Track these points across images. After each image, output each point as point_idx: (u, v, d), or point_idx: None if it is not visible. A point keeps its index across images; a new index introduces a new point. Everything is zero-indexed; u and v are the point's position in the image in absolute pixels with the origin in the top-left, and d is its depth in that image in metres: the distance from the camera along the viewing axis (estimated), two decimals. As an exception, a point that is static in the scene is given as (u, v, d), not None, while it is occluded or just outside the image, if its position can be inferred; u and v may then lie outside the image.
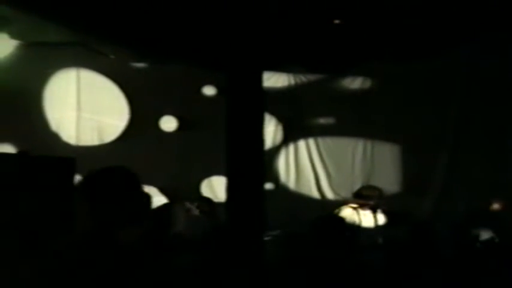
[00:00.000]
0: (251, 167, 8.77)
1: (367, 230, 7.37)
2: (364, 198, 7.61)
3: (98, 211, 2.92)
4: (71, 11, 7.92)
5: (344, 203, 8.18)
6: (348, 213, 7.52)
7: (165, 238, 7.71)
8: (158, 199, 9.59)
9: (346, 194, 9.44)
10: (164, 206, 7.67)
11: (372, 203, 7.56)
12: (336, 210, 7.67)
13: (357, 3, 8.20)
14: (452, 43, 9.46)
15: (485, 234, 7.58)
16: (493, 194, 8.53)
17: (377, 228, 7.50)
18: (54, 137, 9.73)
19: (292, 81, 10.42)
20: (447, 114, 10.07)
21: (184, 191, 10.12)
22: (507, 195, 8.59)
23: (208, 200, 8.60)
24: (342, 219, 5.74)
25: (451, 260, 5.46)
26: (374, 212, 7.65)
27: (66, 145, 9.72)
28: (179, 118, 10.20)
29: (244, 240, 8.28)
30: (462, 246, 6.27)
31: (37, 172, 6.07)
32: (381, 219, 7.62)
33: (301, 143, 10.47)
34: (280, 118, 10.40)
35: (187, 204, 8.21)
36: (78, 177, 8.35)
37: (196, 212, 8.24)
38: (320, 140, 10.44)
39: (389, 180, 10.04)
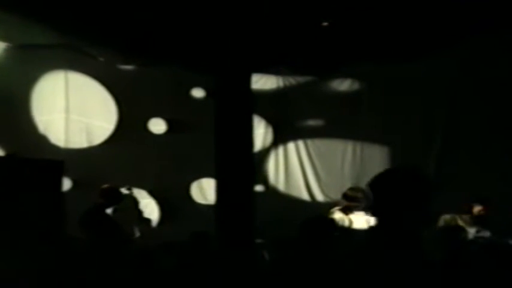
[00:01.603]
0: (241, 169, 8.78)
1: (356, 232, 7.38)
2: (350, 199, 7.62)
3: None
4: (59, 13, 7.90)
5: (334, 204, 8.19)
6: (338, 215, 7.53)
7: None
8: (147, 202, 9.60)
9: (336, 195, 9.44)
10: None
11: (359, 204, 7.56)
12: (326, 213, 7.67)
13: (345, 5, 8.22)
14: (441, 45, 9.50)
15: (473, 235, 7.61)
16: (482, 194, 8.54)
17: (366, 229, 7.50)
18: (43, 139, 9.69)
19: (281, 84, 10.42)
20: (436, 116, 10.10)
21: (173, 193, 10.10)
22: (496, 196, 8.64)
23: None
24: (331, 221, 5.74)
25: (440, 262, 5.47)
26: (364, 213, 7.65)
27: (55, 147, 9.68)
28: (168, 120, 10.18)
29: (233, 242, 8.29)
30: (451, 248, 6.29)
31: (25, 175, 6.04)
32: (370, 220, 7.62)
33: (291, 145, 10.48)
34: (270, 120, 10.40)
35: None
36: (66, 180, 8.36)
37: None
38: (309, 142, 10.45)
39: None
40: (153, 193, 9.93)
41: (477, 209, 8.03)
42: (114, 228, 7.48)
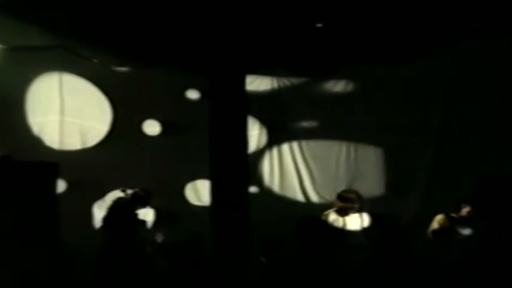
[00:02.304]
0: (235, 170, 8.80)
1: (350, 233, 7.41)
2: (344, 201, 7.66)
3: None
4: (54, 15, 7.91)
5: (328, 206, 8.21)
6: (332, 216, 7.56)
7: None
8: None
9: (331, 196, 9.46)
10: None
11: (352, 205, 7.60)
12: (320, 214, 7.69)
13: (339, 6, 8.24)
14: (435, 46, 9.54)
15: (463, 235, 7.65)
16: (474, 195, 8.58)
17: (360, 230, 7.53)
18: (37, 142, 9.68)
19: (276, 85, 10.43)
20: (430, 116, 10.14)
21: (168, 194, 10.11)
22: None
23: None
24: (325, 221, 5.78)
25: (434, 261, 5.51)
26: (359, 214, 7.69)
27: (49, 149, 9.67)
28: (162, 122, 10.19)
29: (228, 243, 8.31)
30: (444, 248, 6.33)
31: (20, 177, 6.05)
32: (364, 221, 7.66)
33: (285, 146, 10.49)
34: (264, 121, 10.41)
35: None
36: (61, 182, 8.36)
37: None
38: (304, 143, 10.47)
39: (373, 182, 10.09)
40: (147, 195, 9.92)
41: (467, 210, 8.10)
42: (136, 229, 7.61)
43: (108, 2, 7.82)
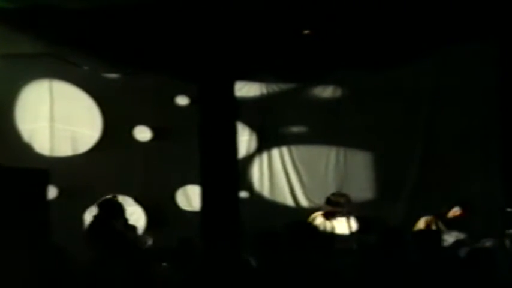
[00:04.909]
0: (225, 175, 8.83)
1: (339, 236, 7.47)
2: (333, 204, 7.72)
3: None
4: (43, 22, 7.96)
5: (318, 210, 8.27)
6: (319, 219, 7.62)
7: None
8: (133, 209, 9.64)
9: (320, 201, 9.52)
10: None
11: (341, 209, 7.66)
12: (309, 218, 7.75)
13: (327, 13, 8.33)
14: (421, 52, 9.65)
15: (452, 238, 7.73)
16: (462, 197, 8.68)
17: (349, 234, 7.60)
18: (27, 148, 9.70)
19: (265, 91, 10.49)
20: (417, 121, 10.23)
21: (159, 200, 10.15)
22: (476, 198, 8.81)
23: None
24: (312, 225, 5.83)
25: (421, 264, 5.58)
26: (347, 218, 7.75)
27: (40, 156, 9.69)
28: (153, 128, 10.23)
29: (218, 249, 8.34)
30: (431, 251, 6.39)
31: (10, 184, 6.05)
32: (353, 225, 7.73)
33: (275, 152, 10.54)
34: (254, 127, 10.47)
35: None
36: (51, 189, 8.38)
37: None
38: (293, 148, 10.52)
39: (362, 187, 10.16)
40: (138, 200, 9.97)
41: (455, 212, 8.19)
42: (122, 240, 7.55)
43: (97, 9, 7.88)
